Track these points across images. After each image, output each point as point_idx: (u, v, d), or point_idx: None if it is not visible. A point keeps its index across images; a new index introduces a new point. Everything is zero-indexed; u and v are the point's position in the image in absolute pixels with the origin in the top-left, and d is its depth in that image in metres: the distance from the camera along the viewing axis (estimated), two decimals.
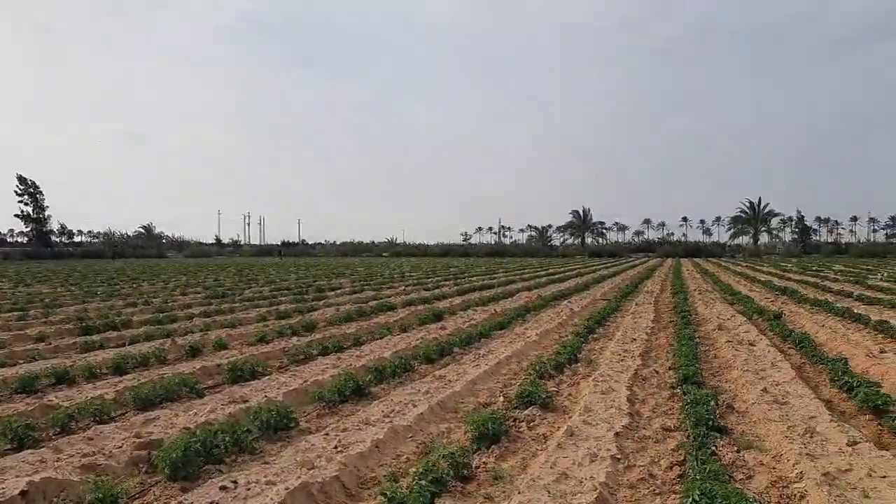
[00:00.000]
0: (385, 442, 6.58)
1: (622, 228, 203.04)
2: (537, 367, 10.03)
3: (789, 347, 11.98)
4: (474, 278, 38.93)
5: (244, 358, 11.06)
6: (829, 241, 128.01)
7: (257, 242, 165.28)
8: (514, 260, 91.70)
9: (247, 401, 8.29)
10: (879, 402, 7.47)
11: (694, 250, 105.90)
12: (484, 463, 6.00)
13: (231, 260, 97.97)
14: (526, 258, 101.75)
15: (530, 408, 7.95)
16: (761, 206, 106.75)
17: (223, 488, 5.19)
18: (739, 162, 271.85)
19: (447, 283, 34.30)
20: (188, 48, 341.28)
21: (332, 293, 27.31)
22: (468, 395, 8.86)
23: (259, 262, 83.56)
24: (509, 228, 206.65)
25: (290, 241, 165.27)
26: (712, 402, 7.44)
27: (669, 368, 10.39)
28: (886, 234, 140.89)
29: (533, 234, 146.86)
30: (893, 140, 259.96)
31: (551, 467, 5.64)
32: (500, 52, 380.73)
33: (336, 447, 6.33)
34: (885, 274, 37.23)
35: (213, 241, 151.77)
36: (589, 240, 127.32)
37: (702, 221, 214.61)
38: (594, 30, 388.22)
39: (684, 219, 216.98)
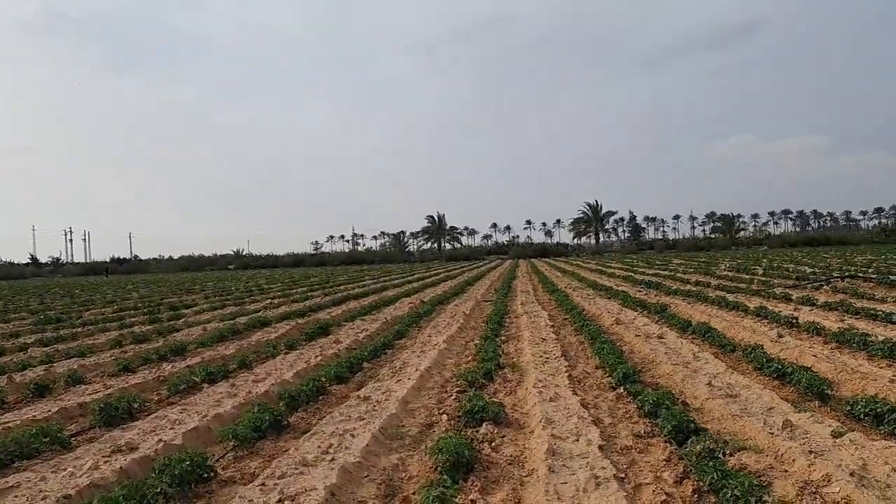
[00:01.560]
0: (341, 487, 5.32)
1: (472, 233, 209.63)
2: (468, 378, 9.16)
3: (695, 338, 12.21)
4: (342, 287, 37.33)
5: (114, 393, 9.02)
6: (658, 237, 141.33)
7: (82, 260, 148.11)
8: (374, 267, 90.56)
9: (135, 448, 6.52)
10: (824, 388, 7.53)
11: (542, 251, 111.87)
12: (473, 501, 4.98)
13: (53, 281, 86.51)
14: (384, 265, 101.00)
15: (484, 425, 7.04)
16: (600, 208, 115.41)
17: None
18: (574, 167, 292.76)
19: (315, 293, 32.38)
20: None
21: (189, 311, 24.45)
22: (406, 416, 7.73)
23: (87, 281, 74.44)
24: (362, 236, 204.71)
25: (121, 257, 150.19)
26: (679, 403, 7.05)
27: (597, 368, 10.04)
28: (704, 230, 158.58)
29: (388, 240, 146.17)
30: (704, 144, 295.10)
31: (559, 499, 4.78)
32: (342, 61, 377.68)
33: (281, 501, 4.97)
34: (728, 264, 41.30)
35: (28, 261, 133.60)
36: (445, 245, 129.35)
37: (543, 224, 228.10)
38: (437, 41, 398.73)
39: (528, 222, 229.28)
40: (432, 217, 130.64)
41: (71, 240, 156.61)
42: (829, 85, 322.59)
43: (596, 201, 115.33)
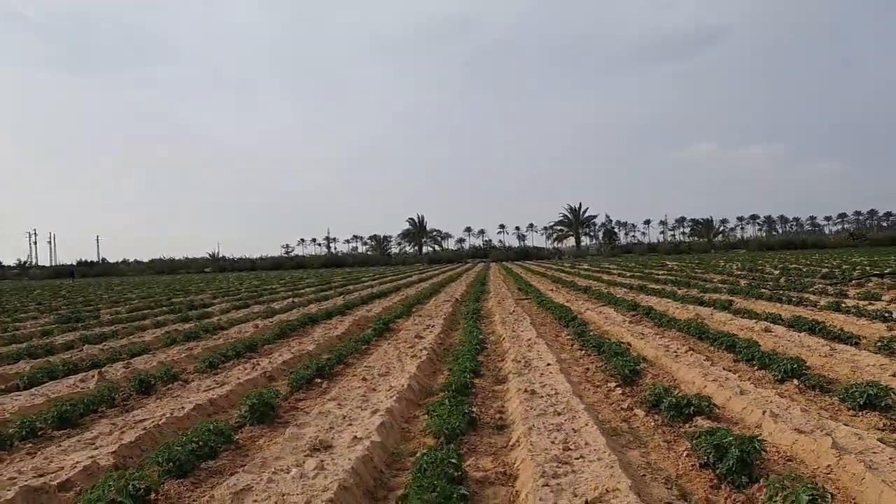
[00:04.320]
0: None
1: (445, 237, 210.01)
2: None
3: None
4: (349, 287, 37.32)
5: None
6: (632, 242, 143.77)
7: (47, 264, 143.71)
8: (359, 269, 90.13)
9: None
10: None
11: (524, 254, 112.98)
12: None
13: (22, 283, 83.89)
14: (365, 267, 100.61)
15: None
16: (582, 212, 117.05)
17: None
18: (542, 173, 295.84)
19: (326, 293, 32.29)
20: None
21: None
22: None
23: (62, 284, 72.41)
24: (335, 239, 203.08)
25: (89, 260, 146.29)
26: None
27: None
28: (674, 234, 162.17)
29: (369, 244, 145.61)
30: (669, 151, 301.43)
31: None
32: (310, 62, 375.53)
33: None
34: (736, 265, 42.79)
35: None
36: (426, 249, 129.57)
37: (517, 228, 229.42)
38: (405, 41, 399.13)
39: (501, 226, 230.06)
40: (413, 220, 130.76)
41: (35, 242, 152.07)
42: (785, 95, 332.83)
43: (580, 204, 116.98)
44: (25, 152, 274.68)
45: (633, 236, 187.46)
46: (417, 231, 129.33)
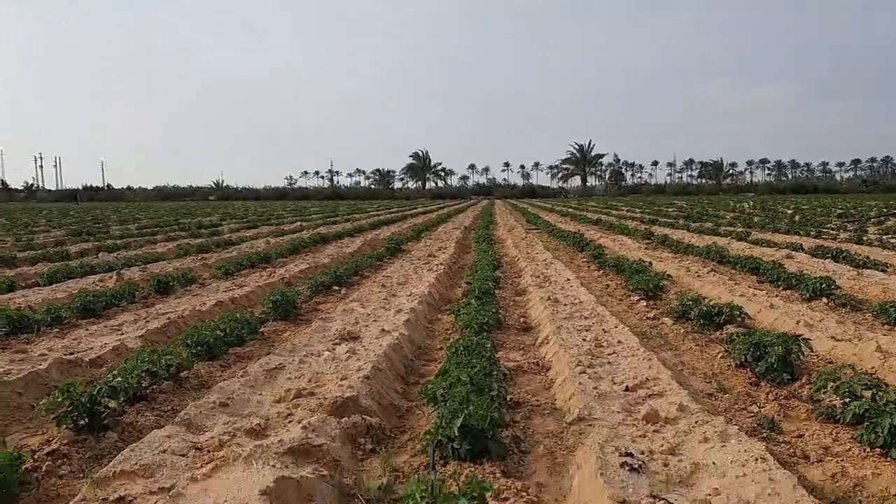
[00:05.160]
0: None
1: (449, 173, 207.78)
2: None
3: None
4: (356, 215, 37.19)
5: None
6: (638, 183, 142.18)
7: (53, 188, 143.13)
8: (362, 202, 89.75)
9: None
10: None
11: (529, 192, 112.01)
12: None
13: (29, 205, 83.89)
14: (368, 201, 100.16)
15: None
16: (590, 149, 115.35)
17: None
18: (550, 111, 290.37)
19: (335, 219, 32.14)
20: None
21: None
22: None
23: (65, 207, 72.26)
24: (338, 172, 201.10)
25: (94, 185, 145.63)
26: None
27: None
28: (681, 176, 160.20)
29: (373, 177, 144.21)
30: (681, 91, 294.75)
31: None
32: None
33: None
34: (749, 204, 42.44)
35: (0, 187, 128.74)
36: (429, 185, 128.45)
37: (522, 167, 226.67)
38: None
39: (506, 164, 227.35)
40: (417, 154, 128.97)
41: (41, 165, 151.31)
42: (806, 32, 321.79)
43: (589, 141, 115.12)
44: (34, 77, 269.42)
45: (640, 177, 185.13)
46: (421, 166, 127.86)
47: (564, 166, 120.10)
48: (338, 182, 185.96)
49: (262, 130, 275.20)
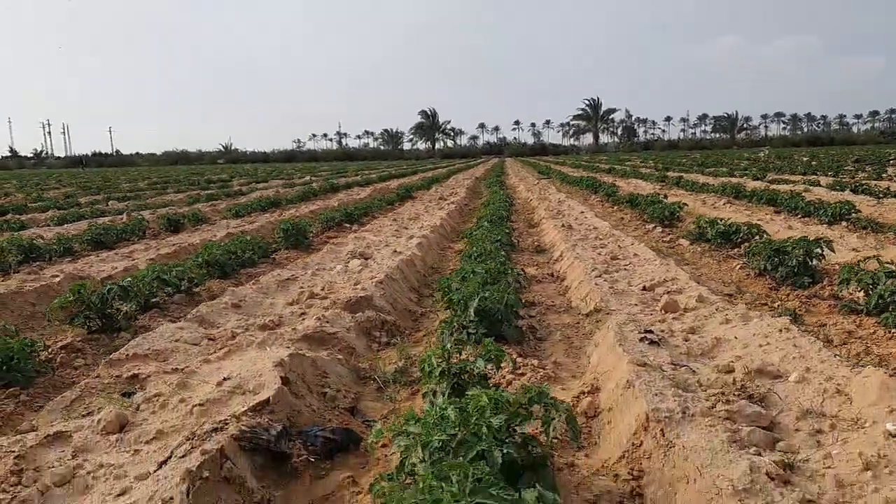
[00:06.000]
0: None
1: (459, 133, 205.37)
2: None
3: None
4: (365, 171, 36.98)
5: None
6: (651, 139, 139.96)
7: (62, 155, 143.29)
8: (371, 163, 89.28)
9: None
10: None
11: (540, 150, 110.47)
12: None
13: (40, 171, 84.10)
14: (377, 161, 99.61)
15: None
16: (600, 104, 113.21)
17: None
18: (563, 70, 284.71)
19: (345, 175, 31.97)
20: None
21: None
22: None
23: (74, 172, 72.34)
24: (346, 134, 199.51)
25: (103, 151, 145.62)
26: None
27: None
28: (694, 132, 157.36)
29: (382, 137, 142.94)
30: (693, 46, 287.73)
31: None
32: None
33: None
34: (766, 153, 41.76)
35: (8, 154, 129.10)
36: (438, 145, 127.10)
37: (532, 125, 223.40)
38: None
39: (516, 122, 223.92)
40: (425, 112, 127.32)
41: (49, 132, 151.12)
42: None
43: (597, 97, 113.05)
44: (42, 45, 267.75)
45: (653, 133, 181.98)
46: (430, 125, 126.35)
47: (576, 123, 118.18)
48: (346, 144, 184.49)
49: (271, 95, 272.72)
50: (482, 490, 1.55)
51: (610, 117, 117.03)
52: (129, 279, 4.37)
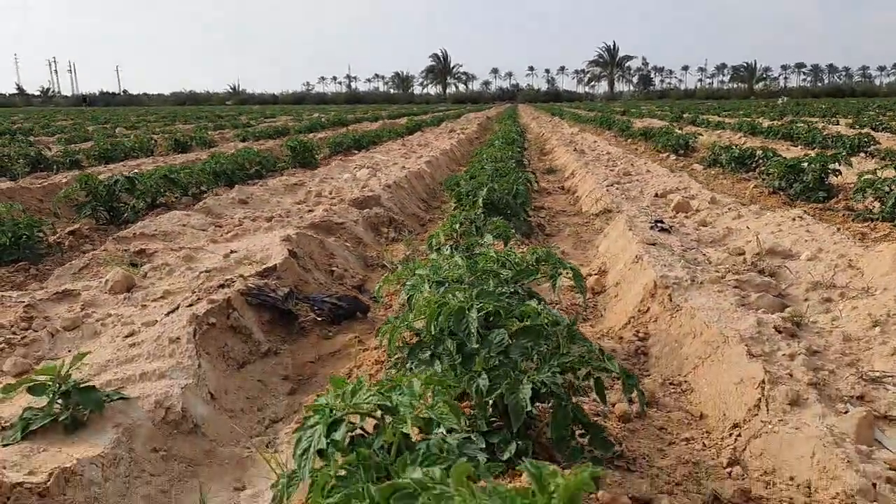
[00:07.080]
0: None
1: (471, 78, 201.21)
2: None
3: None
4: (375, 111, 36.56)
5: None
6: (668, 88, 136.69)
7: (69, 94, 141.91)
8: (381, 106, 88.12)
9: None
10: None
11: (554, 96, 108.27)
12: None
13: (47, 110, 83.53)
14: (388, 105, 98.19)
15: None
16: (616, 50, 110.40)
17: None
18: (576, 13, 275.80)
19: (355, 115, 31.59)
20: None
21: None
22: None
23: (82, 110, 71.69)
24: (356, 77, 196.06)
25: (110, 91, 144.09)
26: None
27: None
28: (712, 81, 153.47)
29: (391, 80, 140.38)
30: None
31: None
32: None
33: None
34: (784, 100, 41.07)
35: (15, 91, 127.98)
36: (450, 90, 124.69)
37: (546, 71, 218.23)
38: None
39: (530, 68, 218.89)
40: (437, 55, 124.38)
41: (56, 70, 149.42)
42: None
43: (613, 42, 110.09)
44: None
45: (669, 83, 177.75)
46: (441, 68, 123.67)
47: (591, 69, 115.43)
48: (355, 88, 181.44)
49: (279, 36, 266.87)
50: (487, 294, 1.56)
51: (626, 65, 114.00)
52: (136, 173, 4.34)
